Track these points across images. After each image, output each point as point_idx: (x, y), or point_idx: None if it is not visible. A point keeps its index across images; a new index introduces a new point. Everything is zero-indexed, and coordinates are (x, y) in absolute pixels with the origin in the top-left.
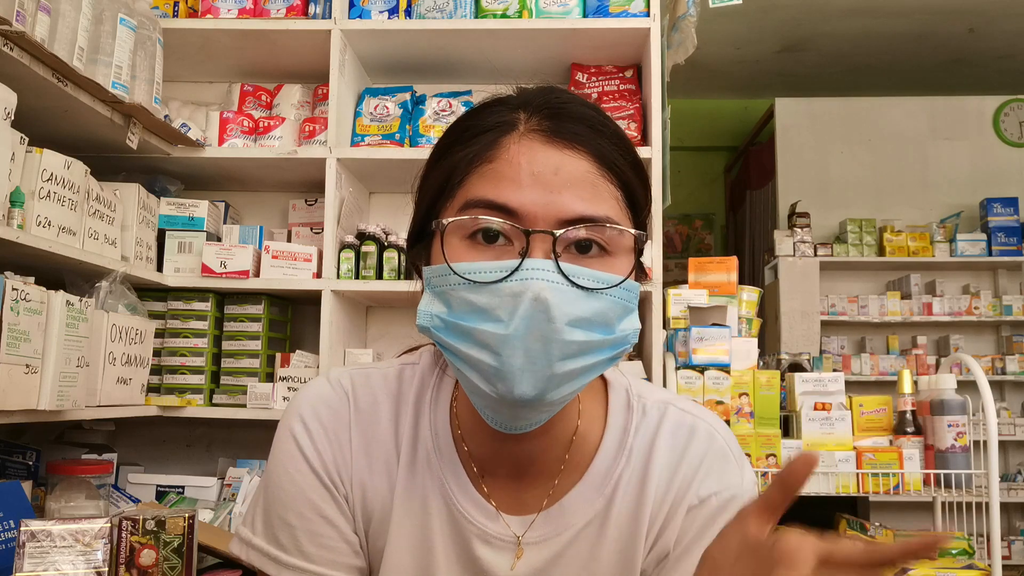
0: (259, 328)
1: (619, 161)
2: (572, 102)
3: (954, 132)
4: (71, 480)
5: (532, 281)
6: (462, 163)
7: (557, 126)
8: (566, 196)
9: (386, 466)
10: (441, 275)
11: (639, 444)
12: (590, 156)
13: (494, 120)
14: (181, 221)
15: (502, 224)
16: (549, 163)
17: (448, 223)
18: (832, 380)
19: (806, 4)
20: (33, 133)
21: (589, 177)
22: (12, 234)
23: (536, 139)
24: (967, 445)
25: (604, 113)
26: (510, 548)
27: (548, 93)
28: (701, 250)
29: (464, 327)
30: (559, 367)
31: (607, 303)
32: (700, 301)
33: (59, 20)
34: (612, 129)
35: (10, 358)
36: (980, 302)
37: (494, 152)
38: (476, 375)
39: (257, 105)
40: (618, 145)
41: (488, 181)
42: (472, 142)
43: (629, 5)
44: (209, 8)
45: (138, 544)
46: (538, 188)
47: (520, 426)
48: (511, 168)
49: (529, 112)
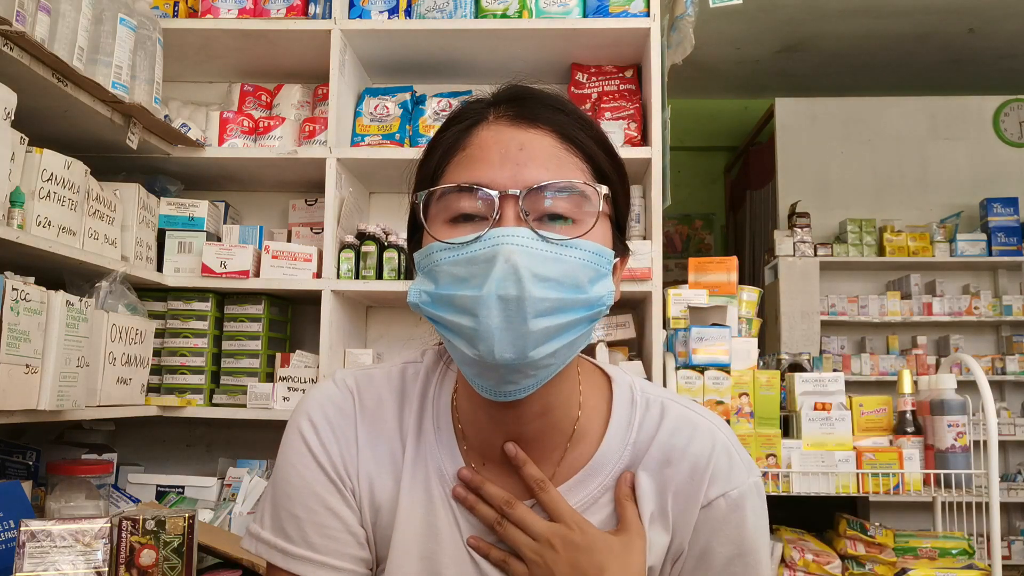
0: (259, 328)
1: (580, 136)
2: (535, 90)
3: (954, 132)
4: (71, 480)
5: (502, 246)
6: (439, 154)
7: (521, 110)
8: (531, 167)
9: (392, 459)
10: (427, 255)
11: (641, 438)
12: (552, 132)
13: (467, 115)
14: (181, 221)
15: (474, 202)
16: (515, 141)
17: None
18: (832, 380)
19: (806, 4)
20: (33, 133)
21: (553, 151)
22: (12, 234)
23: (503, 123)
24: (967, 445)
25: (565, 97)
26: None
27: (514, 87)
28: (701, 250)
29: (446, 296)
30: (534, 324)
31: (575, 264)
32: (700, 301)
33: (59, 20)
34: (572, 109)
35: (10, 358)
36: (980, 302)
37: (467, 140)
38: (460, 340)
39: (257, 105)
40: (579, 122)
41: (462, 166)
42: (447, 137)
43: (629, 5)
44: (209, 8)
45: (138, 544)
46: (507, 164)
47: (507, 391)
48: (481, 151)
49: (497, 103)
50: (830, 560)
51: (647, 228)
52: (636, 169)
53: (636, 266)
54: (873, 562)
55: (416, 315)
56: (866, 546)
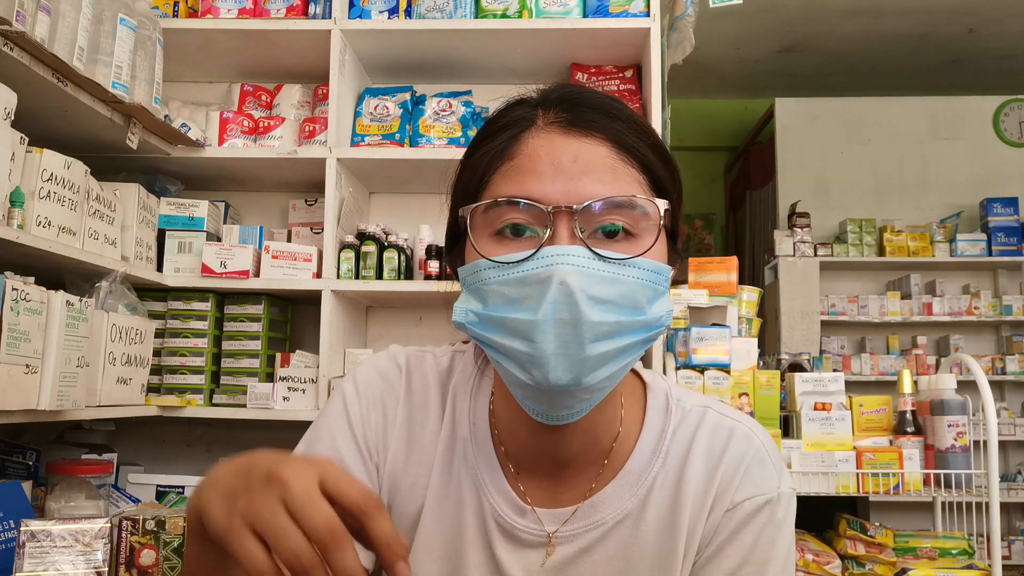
0: (259, 328)
1: (638, 145)
2: (587, 93)
3: (954, 132)
4: (71, 480)
5: (557, 266)
6: (485, 163)
7: (573, 117)
8: (586, 181)
9: (425, 447)
10: (474, 272)
11: (676, 447)
12: (608, 142)
13: (514, 118)
14: (181, 221)
15: (525, 215)
16: (567, 152)
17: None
18: (832, 380)
19: (806, 4)
20: (33, 133)
21: (608, 162)
22: (12, 234)
23: (554, 131)
24: (967, 445)
25: (621, 101)
26: (540, 545)
27: (564, 89)
28: (701, 250)
29: (497, 318)
30: (591, 349)
31: (633, 284)
32: (700, 301)
33: (59, 20)
34: (628, 115)
35: (10, 358)
36: (980, 302)
37: (515, 148)
38: (512, 364)
39: (257, 105)
40: (636, 129)
41: (510, 178)
42: (494, 141)
43: (629, 5)
44: (209, 8)
45: (138, 544)
46: (559, 177)
47: (560, 415)
48: (531, 162)
49: (547, 108)
50: (830, 560)
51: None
52: None
53: None
54: (873, 562)
55: (416, 315)
56: (866, 546)
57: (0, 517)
